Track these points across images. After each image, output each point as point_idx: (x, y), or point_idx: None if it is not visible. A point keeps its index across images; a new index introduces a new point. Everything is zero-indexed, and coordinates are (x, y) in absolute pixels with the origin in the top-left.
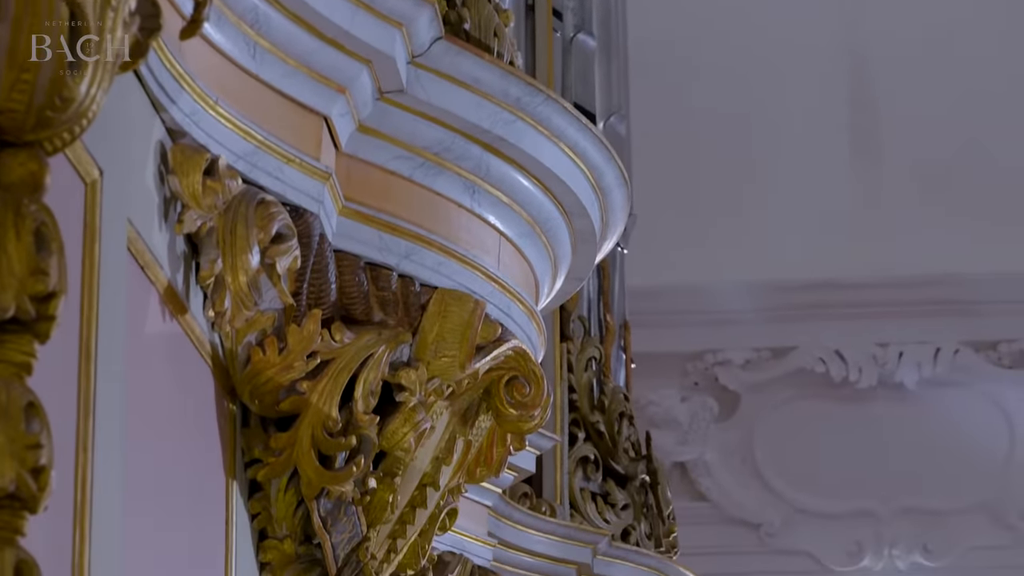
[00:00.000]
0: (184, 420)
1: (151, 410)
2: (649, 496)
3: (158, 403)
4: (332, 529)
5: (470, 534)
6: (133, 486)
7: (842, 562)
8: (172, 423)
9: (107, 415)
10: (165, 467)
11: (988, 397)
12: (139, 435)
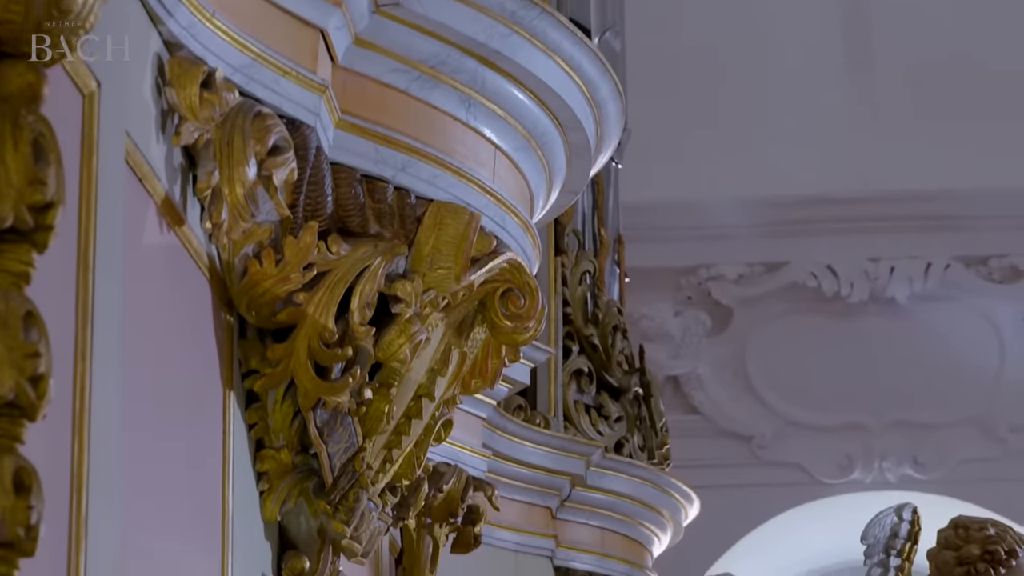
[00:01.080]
0: (182, 331)
1: (149, 321)
2: (642, 408)
3: (156, 314)
4: (328, 439)
5: (465, 445)
6: (131, 396)
7: (833, 475)
8: (170, 334)
9: (105, 325)
10: (163, 378)
11: (978, 312)
12: (137, 346)
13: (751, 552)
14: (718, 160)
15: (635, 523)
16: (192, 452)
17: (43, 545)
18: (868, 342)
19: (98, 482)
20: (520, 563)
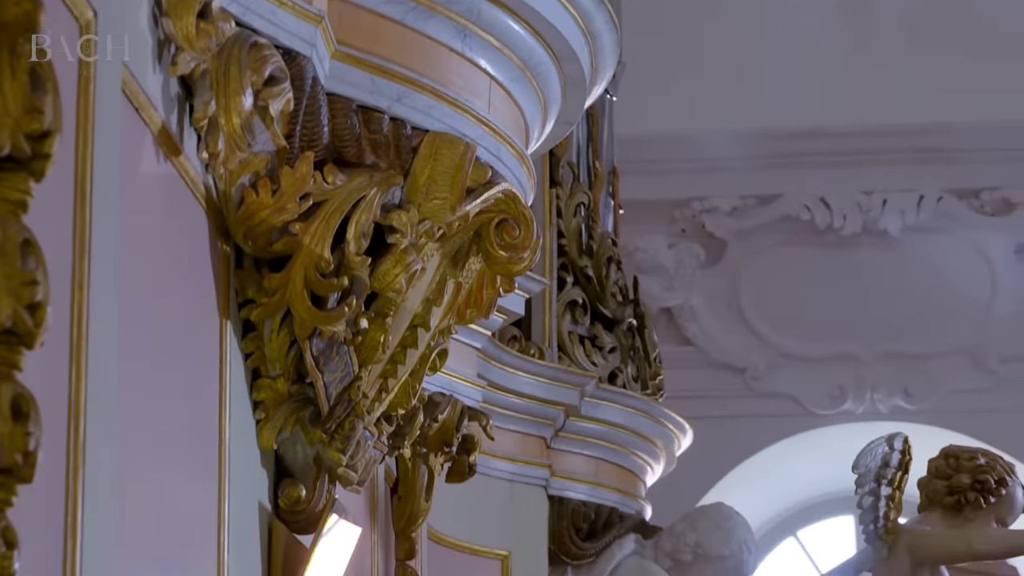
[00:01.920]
0: (179, 261)
1: (146, 251)
2: (636, 339)
3: (153, 244)
4: (324, 368)
5: (460, 375)
6: (128, 325)
7: (824, 405)
8: (167, 264)
9: (102, 254)
10: (160, 307)
11: (970, 244)
12: (134, 275)
13: (743, 482)
14: (712, 93)
15: (628, 453)
16: (189, 381)
17: (41, 471)
18: (860, 274)
19: (96, 410)
20: (515, 492)
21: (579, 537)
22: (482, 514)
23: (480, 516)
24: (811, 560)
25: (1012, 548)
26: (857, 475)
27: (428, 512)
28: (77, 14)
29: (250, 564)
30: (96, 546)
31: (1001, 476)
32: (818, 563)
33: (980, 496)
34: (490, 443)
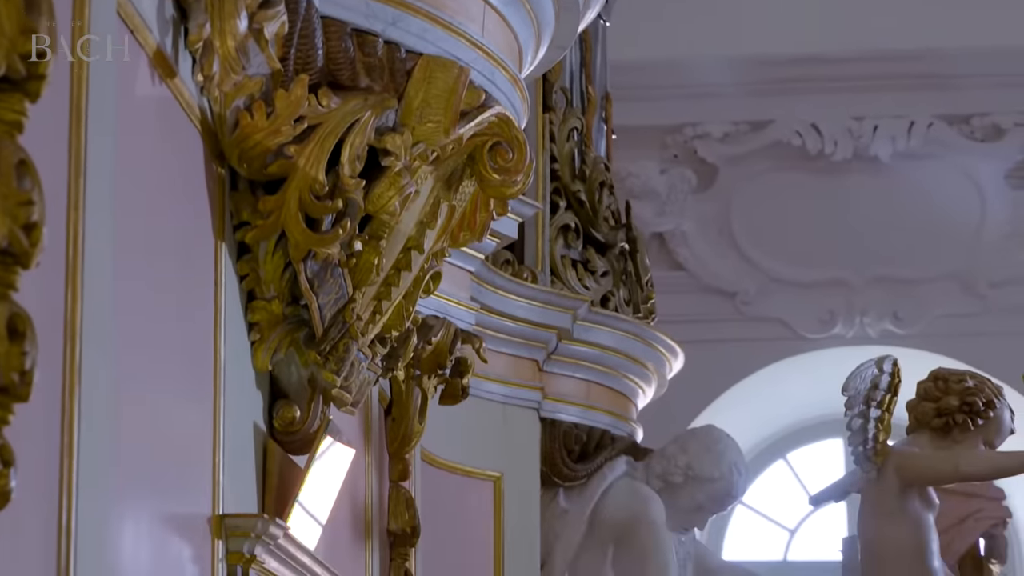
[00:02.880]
0: (174, 183)
1: (141, 173)
2: (628, 263)
3: (148, 166)
4: (319, 290)
5: (453, 299)
6: (123, 246)
7: (815, 329)
8: (161, 186)
9: (98, 175)
10: (155, 229)
11: (960, 169)
12: (129, 197)
13: (734, 405)
14: (705, 19)
15: (620, 376)
16: (184, 303)
17: (37, 391)
18: (851, 200)
19: (91, 330)
20: (507, 414)
21: (571, 459)
22: (475, 436)
23: (473, 438)
24: (800, 482)
25: (999, 470)
26: (846, 398)
27: (422, 434)
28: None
29: (245, 484)
30: (92, 465)
31: (989, 398)
32: (807, 485)
33: (968, 418)
34: (483, 366)
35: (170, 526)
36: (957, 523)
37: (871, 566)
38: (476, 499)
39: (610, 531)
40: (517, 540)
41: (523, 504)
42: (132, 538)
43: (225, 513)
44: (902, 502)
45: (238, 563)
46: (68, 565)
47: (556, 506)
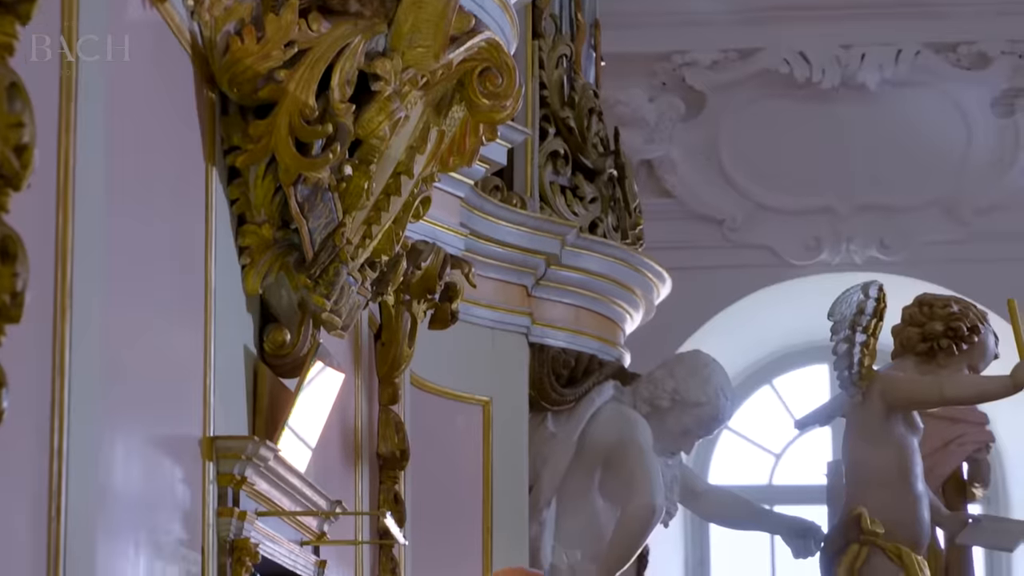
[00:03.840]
0: (164, 107)
1: (132, 97)
2: (616, 190)
3: (139, 90)
4: (309, 215)
5: (443, 224)
6: (115, 170)
7: (801, 256)
8: (152, 110)
9: (89, 98)
10: (146, 153)
11: (947, 97)
12: (121, 121)
13: (721, 331)
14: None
15: (608, 301)
16: (175, 226)
17: (28, 313)
18: (838, 127)
19: (83, 253)
20: (496, 339)
21: (559, 383)
22: (464, 361)
23: (462, 362)
24: (786, 407)
25: (983, 394)
26: (832, 322)
27: (411, 358)
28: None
29: (236, 406)
30: (84, 386)
31: (973, 323)
32: (793, 410)
33: (953, 343)
34: (472, 291)
35: (161, 448)
36: (941, 447)
37: (855, 489)
38: (465, 423)
39: (598, 454)
40: (505, 463)
41: (512, 428)
42: (123, 459)
43: (216, 435)
44: (887, 426)
45: (229, 484)
46: (60, 486)
47: (544, 430)
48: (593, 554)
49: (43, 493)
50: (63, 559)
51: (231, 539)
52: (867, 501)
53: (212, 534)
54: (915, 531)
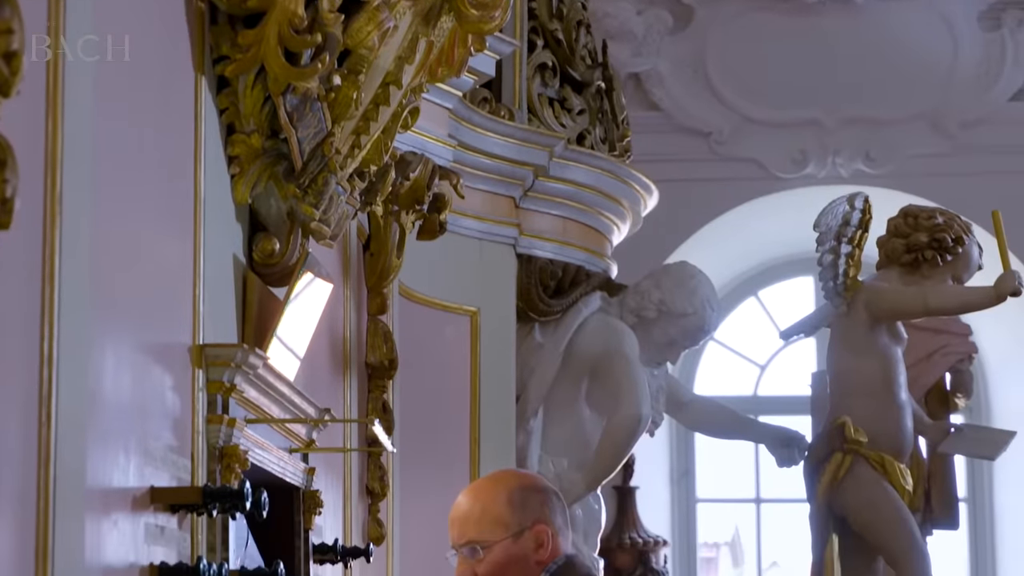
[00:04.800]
0: (153, 17)
1: (121, 5)
2: (604, 102)
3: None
4: (298, 124)
5: (431, 135)
6: (104, 78)
7: (787, 169)
8: (142, 20)
9: (78, 6)
10: (135, 62)
11: (933, 10)
12: (110, 29)
13: (707, 243)
14: None
15: (595, 213)
16: (164, 136)
17: (18, 221)
18: (825, 40)
19: (72, 161)
20: (484, 250)
21: (546, 294)
22: (452, 271)
23: (450, 273)
24: (771, 319)
25: (966, 305)
26: (818, 233)
27: (399, 268)
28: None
29: (225, 315)
30: (74, 294)
31: (958, 234)
32: (778, 322)
33: (937, 254)
34: (460, 202)
35: (151, 355)
36: (924, 358)
37: (840, 399)
38: (453, 333)
39: (584, 365)
40: (493, 373)
41: (499, 338)
42: (113, 366)
43: (205, 343)
44: (871, 336)
45: (218, 392)
46: (50, 392)
47: (531, 340)
48: (579, 463)
49: (33, 399)
50: (53, 464)
51: (220, 446)
52: (851, 410)
53: (201, 441)
54: (898, 440)
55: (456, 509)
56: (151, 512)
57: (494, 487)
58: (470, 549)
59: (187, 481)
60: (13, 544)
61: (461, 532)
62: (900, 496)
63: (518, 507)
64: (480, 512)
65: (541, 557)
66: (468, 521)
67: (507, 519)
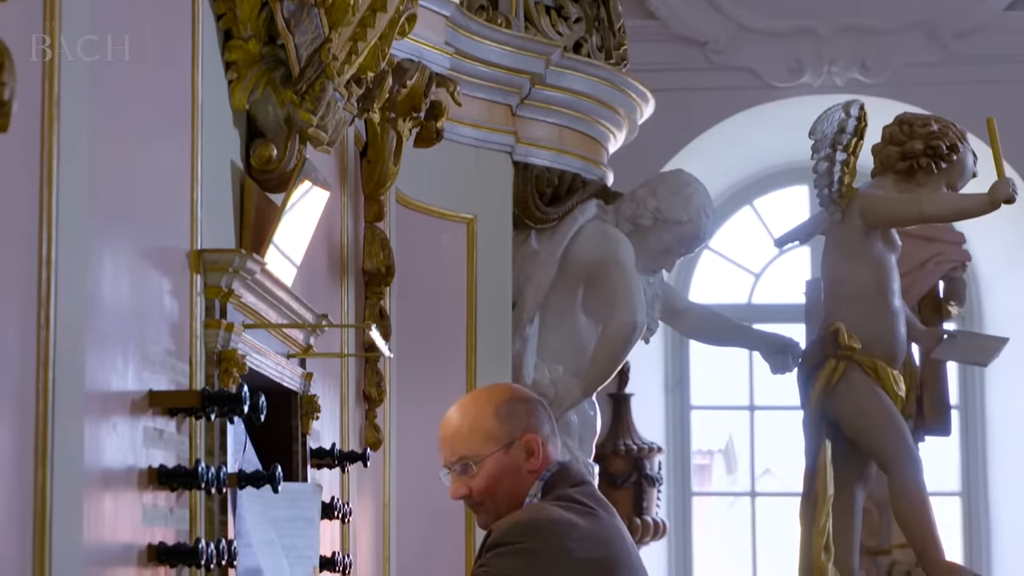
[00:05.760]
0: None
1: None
2: (600, 10)
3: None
4: (295, 30)
5: (428, 43)
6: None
7: (783, 78)
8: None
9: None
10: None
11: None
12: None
13: (703, 152)
14: None
15: (592, 121)
16: (161, 41)
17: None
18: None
19: (70, 65)
20: (480, 158)
21: (542, 202)
22: (449, 179)
23: (447, 181)
24: (766, 228)
25: (960, 212)
26: (813, 141)
27: (396, 176)
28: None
29: (223, 220)
30: (72, 197)
31: (953, 142)
32: (773, 231)
33: (932, 161)
34: (457, 110)
35: (149, 260)
36: (918, 266)
37: (834, 305)
38: (450, 241)
39: (580, 272)
40: (489, 281)
41: (496, 245)
42: (111, 270)
43: (203, 248)
44: (865, 243)
45: (216, 297)
46: (49, 294)
47: (528, 248)
48: (575, 370)
49: (32, 302)
50: (52, 367)
51: (218, 351)
52: (845, 317)
53: (199, 346)
54: (891, 346)
55: (444, 429)
56: (150, 416)
57: (480, 403)
58: (462, 466)
59: (185, 385)
60: (12, 445)
61: (452, 450)
62: (893, 402)
63: (505, 419)
64: (468, 428)
65: (533, 466)
66: (457, 438)
67: (496, 432)
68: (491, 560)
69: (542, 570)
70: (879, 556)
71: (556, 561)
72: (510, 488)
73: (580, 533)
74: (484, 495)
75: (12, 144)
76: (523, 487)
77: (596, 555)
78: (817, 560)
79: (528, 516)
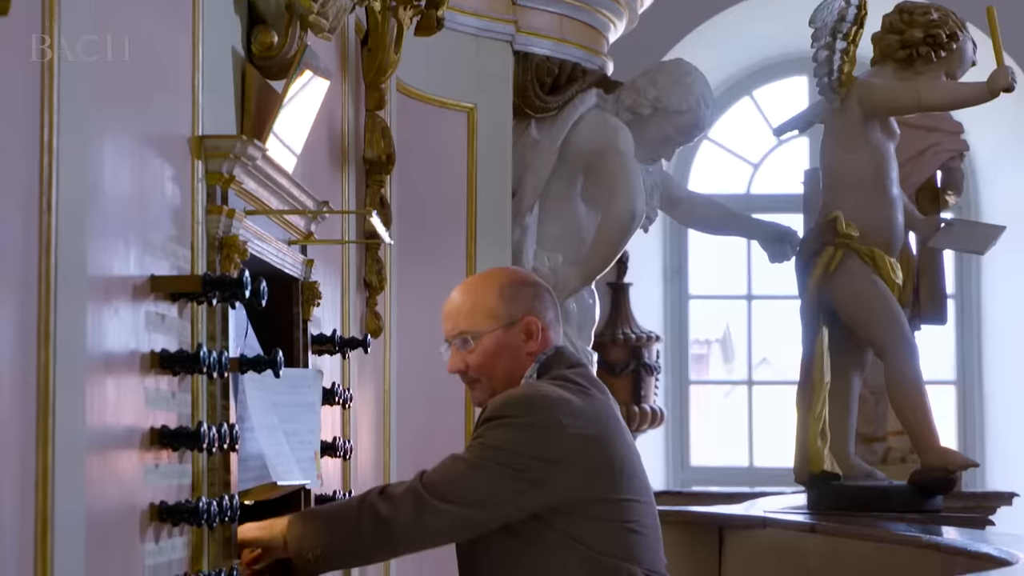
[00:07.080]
0: None
1: None
2: None
3: None
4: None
5: None
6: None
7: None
8: None
9: None
10: None
11: None
12: None
13: (703, 42)
14: None
15: (592, 10)
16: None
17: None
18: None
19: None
20: (481, 47)
21: (543, 91)
22: (449, 68)
23: (447, 70)
24: (765, 118)
25: (959, 101)
26: (813, 29)
27: (397, 64)
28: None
29: (223, 107)
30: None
31: (952, 31)
32: (772, 122)
33: (931, 50)
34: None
35: (150, 146)
36: (916, 155)
37: (832, 193)
38: (450, 129)
39: (580, 160)
40: (490, 169)
41: (496, 134)
42: (113, 156)
43: (204, 134)
44: (864, 131)
45: (217, 183)
46: (51, 179)
47: (528, 136)
48: (574, 258)
49: (34, 187)
50: (54, 252)
51: (220, 236)
52: (843, 205)
53: (201, 231)
54: (889, 234)
55: (449, 304)
56: (151, 300)
57: (485, 282)
58: (462, 340)
59: (187, 270)
60: (14, 328)
61: (454, 324)
62: (890, 290)
63: (509, 300)
64: (472, 305)
65: (531, 348)
66: (460, 313)
67: (498, 311)
68: (486, 432)
69: (536, 444)
70: (875, 443)
71: (550, 435)
72: (507, 367)
73: (574, 409)
74: (480, 371)
75: (12, 27)
76: (520, 367)
77: (589, 431)
78: (813, 446)
79: (524, 392)
